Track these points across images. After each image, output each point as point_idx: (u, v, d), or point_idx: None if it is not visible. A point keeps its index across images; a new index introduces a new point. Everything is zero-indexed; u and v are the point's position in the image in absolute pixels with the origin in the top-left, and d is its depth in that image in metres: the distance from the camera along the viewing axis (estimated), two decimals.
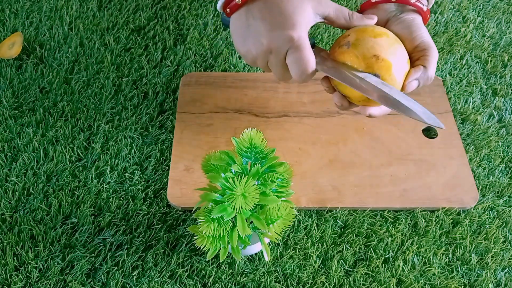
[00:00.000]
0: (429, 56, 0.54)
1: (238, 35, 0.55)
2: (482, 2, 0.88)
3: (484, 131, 0.71)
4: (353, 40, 0.52)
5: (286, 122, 0.70)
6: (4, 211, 0.62)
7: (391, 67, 0.51)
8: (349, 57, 0.52)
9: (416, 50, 0.55)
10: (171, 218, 0.62)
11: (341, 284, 0.58)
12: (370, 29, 0.54)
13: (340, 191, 0.64)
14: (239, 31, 0.55)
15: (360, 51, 0.52)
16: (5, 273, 0.58)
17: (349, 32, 0.55)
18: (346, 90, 0.54)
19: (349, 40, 0.53)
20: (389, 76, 0.52)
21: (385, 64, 0.51)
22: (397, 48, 0.53)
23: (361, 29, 0.54)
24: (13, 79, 0.75)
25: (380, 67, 0.51)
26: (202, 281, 0.58)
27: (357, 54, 0.52)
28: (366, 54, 0.51)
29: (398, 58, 0.52)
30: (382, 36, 0.53)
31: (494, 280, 0.59)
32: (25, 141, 0.68)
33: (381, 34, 0.53)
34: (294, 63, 0.52)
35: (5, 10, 0.84)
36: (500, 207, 0.64)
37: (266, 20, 0.52)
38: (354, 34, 0.53)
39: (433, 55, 0.55)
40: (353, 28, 0.55)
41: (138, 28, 0.82)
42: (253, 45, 0.53)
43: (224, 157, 0.53)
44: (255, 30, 0.53)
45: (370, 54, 0.51)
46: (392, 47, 0.52)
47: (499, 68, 0.78)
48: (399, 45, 0.54)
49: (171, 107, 0.72)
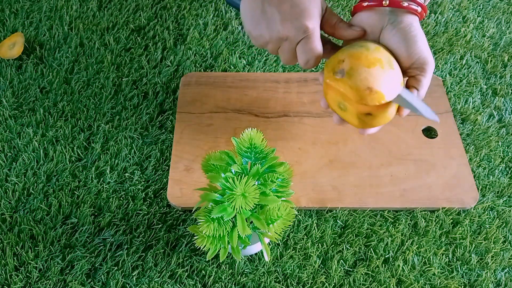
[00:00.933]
0: (423, 76, 0.55)
1: (251, 18, 0.56)
2: (482, 2, 0.88)
3: (484, 131, 0.71)
4: (347, 69, 0.53)
5: (286, 122, 0.70)
6: (4, 211, 0.62)
7: (383, 98, 0.52)
8: (343, 86, 0.53)
9: (413, 67, 0.55)
10: (171, 218, 0.62)
11: (341, 284, 0.58)
12: (364, 55, 0.53)
13: (340, 191, 0.64)
14: (252, 14, 0.56)
15: (353, 82, 0.52)
16: (5, 273, 0.58)
17: (343, 55, 0.54)
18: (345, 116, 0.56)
19: (343, 68, 0.53)
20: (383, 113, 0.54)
21: (377, 96, 0.52)
22: (391, 75, 0.53)
23: (356, 55, 0.53)
24: (13, 79, 0.75)
25: (373, 99, 0.52)
26: (202, 281, 0.58)
27: (351, 84, 0.53)
28: (360, 86, 0.52)
29: (391, 86, 0.53)
30: (376, 64, 0.52)
31: (494, 280, 0.59)
32: (25, 141, 0.68)
33: (375, 62, 0.53)
34: (304, 52, 0.55)
35: (5, 10, 0.84)
36: (500, 207, 0.64)
37: (282, 9, 0.53)
38: (349, 61, 0.53)
39: (428, 73, 0.55)
40: (348, 50, 0.54)
41: (138, 28, 0.82)
42: (268, 30, 0.55)
43: (224, 157, 0.53)
44: (271, 17, 0.54)
45: (364, 86, 0.52)
46: (386, 75, 0.53)
47: (499, 68, 0.78)
48: (392, 70, 0.53)
49: (171, 107, 0.72)
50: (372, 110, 0.53)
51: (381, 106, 0.53)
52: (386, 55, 0.54)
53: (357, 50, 0.54)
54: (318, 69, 0.78)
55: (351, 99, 0.53)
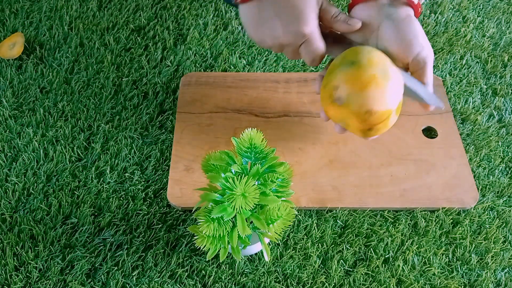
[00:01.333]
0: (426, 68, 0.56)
1: (250, 23, 0.57)
2: (482, 2, 0.88)
3: (484, 131, 0.71)
4: (344, 96, 0.53)
5: (286, 122, 0.70)
6: (4, 211, 0.62)
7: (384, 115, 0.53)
8: (344, 113, 0.54)
9: (414, 62, 0.55)
10: (171, 218, 0.62)
11: (341, 284, 0.58)
12: (357, 77, 0.52)
13: (340, 191, 0.64)
14: (251, 21, 0.57)
15: (353, 108, 0.53)
16: (5, 273, 0.58)
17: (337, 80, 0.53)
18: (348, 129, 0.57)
19: (340, 96, 0.53)
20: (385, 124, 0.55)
21: (378, 116, 0.53)
22: (388, 88, 0.52)
23: (350, 79, 0.52)
24: (13, 79, 0.75)
25: (374, 119, 0.53)
26: (202, 281, 0.58)
27: (351, 110, 0.53)
28: (359, 111, 0.53)
29: (391, 98, 0.53)
30: (371, 84, 0.52)
31: (494, 280, 0.59)
32: (25, 141, 0.68)
33: (369, 82, 0.52)
34: (307, 53, 0.57)
35: (5, 10, 0.84)
36: (500, 207, 0.64)
37: (279, 17, 0.54)
38: (344, 87, 0.53)
39: (429, 64, 0.56)
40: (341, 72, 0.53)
41: (138, 28, 0.82)
42: (268, 37, 0.56)
43: (224, 157, 0.53)
44: (269, 25, 0.55)
45: (363, 111, 0.53)
46: (383, 91, 0.52)
47: (499, 68, 0.78)
48: (388, 82, 0.52)
49: (171, 107, 0.72)
50: (375, 126, 0.54)
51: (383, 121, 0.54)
52: (380, 66, 0.53)
53: (349, 70, 0.53)
54: (319, 69, 0.78)
55: (353, 121, 0.54)
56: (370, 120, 0.53)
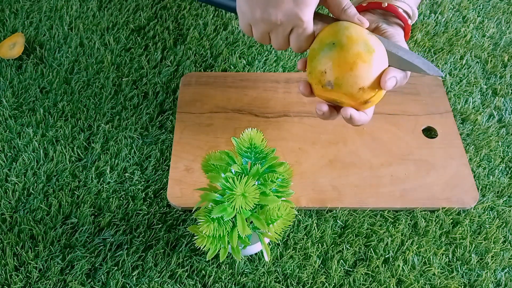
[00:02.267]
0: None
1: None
2: (482, 2, 0.88)
3: (484, 131, 0.71)
4: (333, 80, 0.52)
5: (286, 122, 0.70)
6: (4, 211, 0.62)
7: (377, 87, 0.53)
8: (337, 95, 0.54)
9: None
10: (171, 218, 0.62)
11: (341, 284, 0.58)
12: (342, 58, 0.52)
13: (340, 191, 0.64)
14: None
15: (345, 90, 0.53)
16: (5, 273, 0.58)
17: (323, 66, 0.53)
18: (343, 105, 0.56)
19: (330, 80, 0.53)
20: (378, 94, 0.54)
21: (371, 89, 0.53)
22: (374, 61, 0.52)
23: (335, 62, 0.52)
24: (13, 79, 0.75)
25: (368, 93, 0.53)
26: (202, 281, 0.58)
27: (343, 92, 0.53)
28: (352, 91, 0.53)
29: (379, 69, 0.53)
30: (357, 63, 0.51)
31: (494, 280, 0.59)
32: (25, 141, 0.68)
33: (355, 61, 0.51)
34: (297, 39, 0.55)
35: (5, 10, 0.84)
36: (500, 207, 0.64)
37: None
38: (331, 71, 0.52)
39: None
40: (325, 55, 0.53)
41: (138, 28, 0.82)
42: (261, 12, 0.53)
43: (224, 157, 0.53)
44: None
45: (355, 89, 0.52)
46: (370, 65, 0.52)
47: (499, 68, 0.78)
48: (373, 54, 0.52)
49: (171, 107, 0.72)
50: (370, 99, 0.54)
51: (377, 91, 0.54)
52: (361, 41, 0.52)
53: (332, 53, 0.52)
54: None
55: (348, 100, 0.54)
56: (364, 96, 0.53)
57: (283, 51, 0.79)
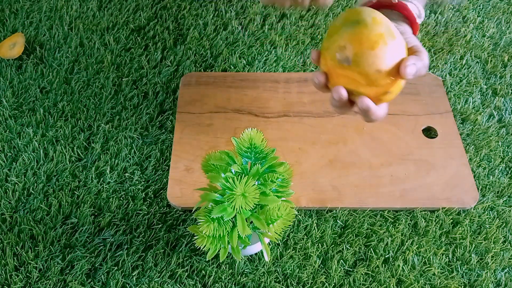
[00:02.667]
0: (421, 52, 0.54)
1: None
2: (482, 2, 0.88)
3: (484, 131, 0.71)
4: (352, 56, 0.51)
5: (286, 122, 0.70)
6: (4, 211, 0.62)
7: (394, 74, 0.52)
8: (352, 74, 0.52)
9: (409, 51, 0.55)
10: (171, 218, 0.62)
11: (341, 284, 0.58)
12: (365, 36, 0.51)
13: (340, 191, 0.64)
14: None
15: (362, 68, 0.51)
16: (5, 273, 0.58)
17: (343, 40, 0.52)
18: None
19: (347, 56, 0.51)
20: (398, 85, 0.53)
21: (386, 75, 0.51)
22: (395, 46, 0.51)
23: (357, 38, 0.51)
24: (13, 79, 0.75)
25: (383, 78, 0.51)
26: (202, 281, 0.58)
27: (360, 71, 0.51)
28: (369, 71, 0.51)
29: (398, 56, 0.52)
30: (379, 43, 0.51)
31: (494, 280, 0.59)
32: (25, 141, 0.68)
33: (377, 41, 0.51)
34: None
35: (5, 10, 0.84)
36: (500, 207, 0.64)
37: None
38: (351, 46, 0.51)
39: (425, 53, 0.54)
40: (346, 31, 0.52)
41: (138, 28, 0.82)
42: None
43: (224, 157, 0.53)
44: None
45: (372, 70, 0.51)
46: (391, 49, 0.51)
47: (499, 68, 0.78)
48: (395, 40, 0.52)
49: (171, 107, 0.72)
50: (387, 88, 0.52)
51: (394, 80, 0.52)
52: (385, 25, 0.52)
53: (355, 30, 0.52)
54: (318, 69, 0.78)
55: (362, 83, 0.52)
56: (378, 81, 0.51)
57: (283, 51, 0.79)
